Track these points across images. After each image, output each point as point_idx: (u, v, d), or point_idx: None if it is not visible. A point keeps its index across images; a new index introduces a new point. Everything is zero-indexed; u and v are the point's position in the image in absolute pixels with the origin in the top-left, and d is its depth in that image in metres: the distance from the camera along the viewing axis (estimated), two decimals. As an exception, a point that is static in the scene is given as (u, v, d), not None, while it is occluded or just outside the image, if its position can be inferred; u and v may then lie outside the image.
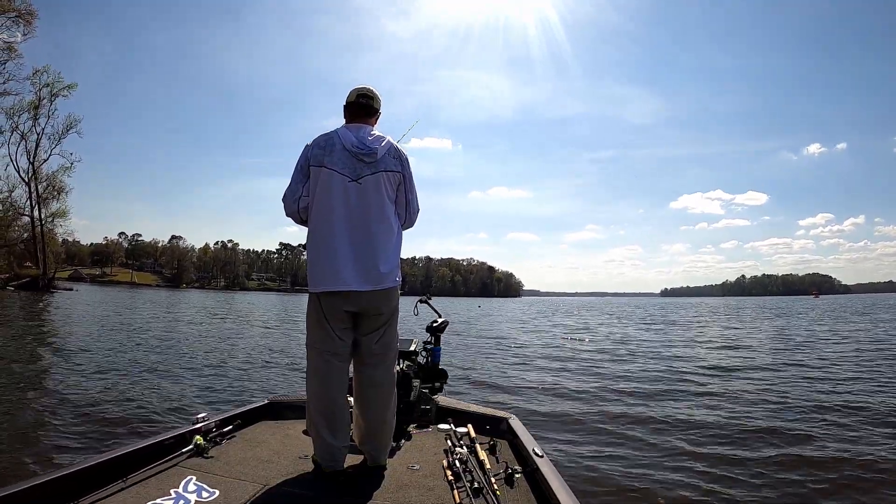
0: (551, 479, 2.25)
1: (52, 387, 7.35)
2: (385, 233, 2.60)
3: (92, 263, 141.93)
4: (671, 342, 16.23)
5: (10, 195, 47.44)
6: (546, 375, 9.69)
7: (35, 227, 47.91)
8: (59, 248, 59.54)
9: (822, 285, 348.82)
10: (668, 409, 6.73)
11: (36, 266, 47.63)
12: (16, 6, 39.16)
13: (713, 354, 12.98)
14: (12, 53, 40.84)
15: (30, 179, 47.15)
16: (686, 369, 10.30)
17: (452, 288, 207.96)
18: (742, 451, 5.02)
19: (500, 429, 3.20)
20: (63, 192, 49.05)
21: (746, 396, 7.49)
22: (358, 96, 2.73)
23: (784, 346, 14.72)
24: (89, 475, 2.21)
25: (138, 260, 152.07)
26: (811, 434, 5.55)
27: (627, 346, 14.95)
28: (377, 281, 2.54)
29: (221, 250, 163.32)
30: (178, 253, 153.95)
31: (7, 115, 44.73)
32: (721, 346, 15.22)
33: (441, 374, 3.80)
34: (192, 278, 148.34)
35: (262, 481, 2.39)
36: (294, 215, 2.70)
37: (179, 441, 2.71)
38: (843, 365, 10.74)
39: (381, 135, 2.66)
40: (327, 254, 2.53)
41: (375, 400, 2.64)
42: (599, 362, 11.54)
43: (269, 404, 3.61)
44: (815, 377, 9.14)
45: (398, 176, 2.66)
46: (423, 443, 3.04)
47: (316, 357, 2.59)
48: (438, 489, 2.37)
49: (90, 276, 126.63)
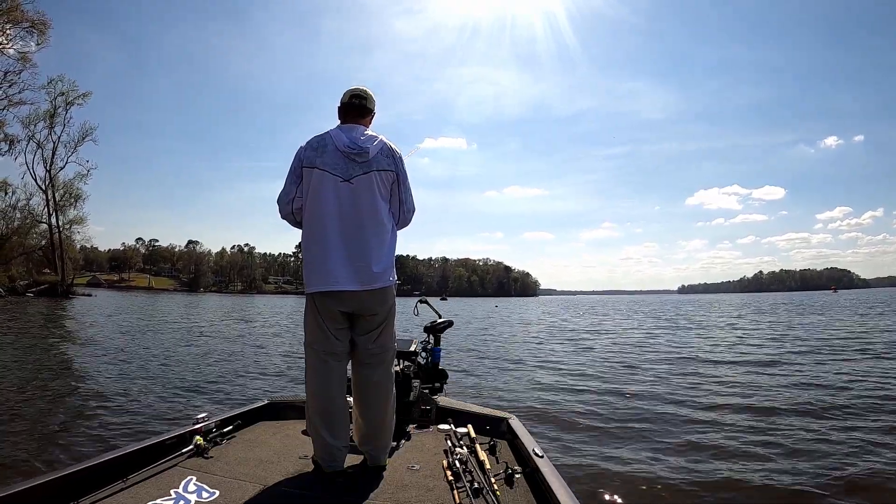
0: (551, 479, 2.23)
1: (53, 387, 7.48)
2: (378, 232, 2.60)
3: (110, 269, 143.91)
4: (684, 343, 15.95)
5: (28, 203, 48.56)
6: (546, 375, 9.63)
7: (53, 234, 48.74)
8: (77, 254, 60.33)
9: (840, 280, 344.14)
10: (669, 410, 6.66)
11: (54, 272, 48.44)
12: (29, 16, 39.70)
13: (721, 354, 12.76)
14: (27, 63, 41.37)
15: (47, 187, 47.96)
16: (691, 370, 10.14)
17: (469, 288, 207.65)
18: (743, 453, 4.94)
19: (500, 429, 3.18)
20: (80, 199, 49.91)
21: (754, 395, 7.35)
22: (351, 97, 2.74)
23: (802, 347, 14.44)
24: (89, 475, 2.23)
25: (156, 265, 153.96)
26: (825, 437, 5.38)
27: (640, 348, 14.78)
28: (370, 281, 2.54)
29: (238, 254, 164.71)
30: (195, 257, 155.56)
31: (23, 124, 45.46)
32: (733, 344, 14.96)
33: (441, 375, 3.80)
34: (210, 282, 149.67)
35: (262, 482, 2.40)
36: (288, 217, 2.71)
37: (179, 441, 2.73)
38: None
39: (373, 134, 2.66)
40: (320, 254, 2.54)
41: (374, 400, 2.65)
42: (602, 363, 11.45)
43: (269, 404, 3.62)
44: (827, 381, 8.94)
45: (391, 175, 2.66)
46: (422, 443, 3.03)
47: (314, 357, 2.60)
48: (438, 489, 2.36)
49: (108, 281, 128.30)
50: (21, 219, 48.17)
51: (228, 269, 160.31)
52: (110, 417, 5.89)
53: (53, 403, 6.49)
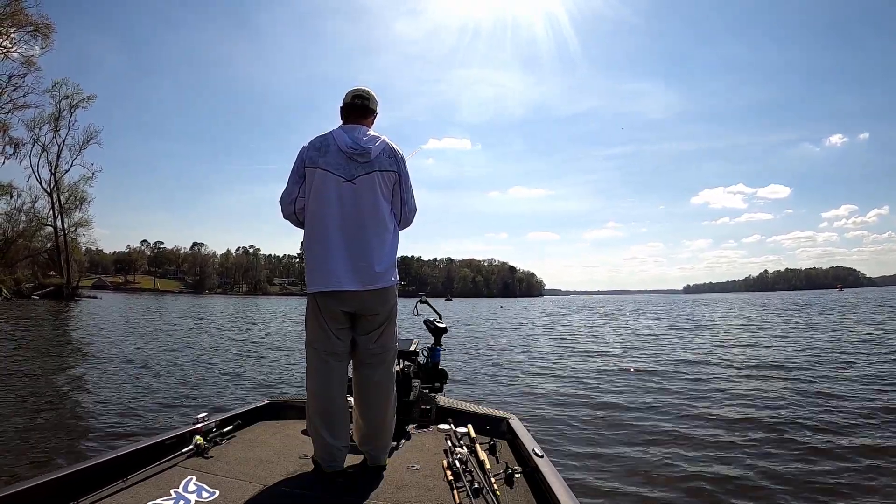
0: (551, 479, 2.22)
1: (54, 387, 7.53)
2: (380, 233, 2.60)
3: (115, 271, 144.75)
4: (690, 344, 15.85)
5: (33, 206, 48.60)
6: (546, 375, 9.62)
7: (58, 236, 48.85)
8: (83, 256, 60.50)
9: (846, 279, 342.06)
10: (669, 410, 6.64)
11: (60, 275, 48.57)
12: (33, 20, 39.81)
13: (725, 355, 12.71)
14: (31, 67, 41.47)
15: (52, 190, 48.01)
16: (694, 370, 10.12)
17: (474, 289, 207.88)
18: (744, 453, 4.92)
19: (500, 429, 3.18)
20: (85, 201, 49.97)
21: (756, 399, 7.29)
22: (353, 97, 2.74)
23: (808, 347, 14.34)
24: (89, 475, 2.23)
25: (161, 267, 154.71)
26: (825, 444, 5.28)
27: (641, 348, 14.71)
28: (372, 281, 2.54)
29: (243, 256, 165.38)
30: (200, 259, 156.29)
31: (28, 127, 45.42)
32: (740, 345, 14.88)
33: (441, 374, 3.79)
34: (215, 284, 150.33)
35: (261, 481, 2.39)
36: (291, 217, 2.71)
37: (179, 441, 2.73)
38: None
39: (376, 135, 2.66)
40: (322, 254, 2.54)
41: (375, 400, 2.64)
42: (603, 362, 11.43)
43: (269, 404, 3.62)
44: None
45: (393, 175, 2.65)
46: (423, 443, 3.03)
47: (315, 357, 2.60)
48: (438, 489, 2.35)
49: (113, 283, 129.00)
50: (26, 221, 48.29)
51: (233, 271, 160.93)
52: (110, 417, 5.92)
53: (54, 403, 6.53)
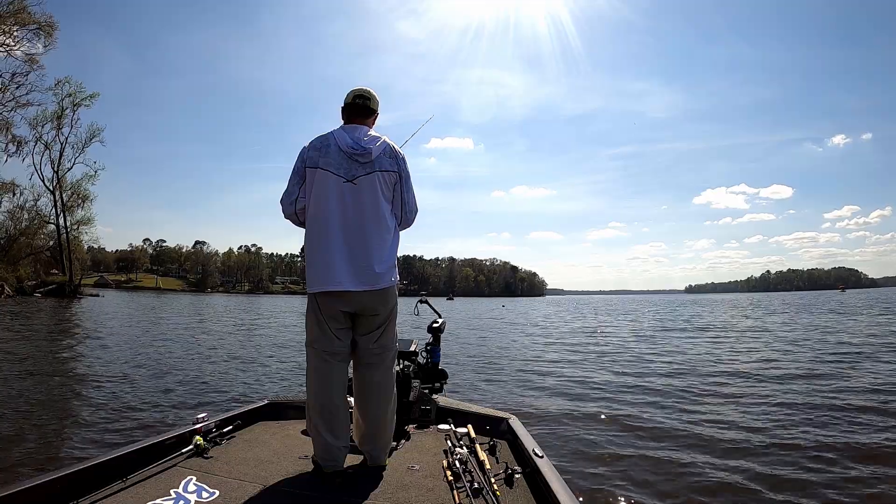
0: (551, 479, 2.22)
1: (54, 387, 7.51)
2: (380, 233, 2.60)
3: (117, 269, 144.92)
4: (687, 347, 15.76)
5: (36, 204, 48.86)
6: (547, 375, 9.60)
7: (60, 234, 49.06)
8: (85, 255, 60.66)
9: (848, 279, 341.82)
10: (670, 410, 6.63)
11: (62, 273, 48.74)
12: (36, 18, 39.90)
13: (728, 355, 12.66)
14: (34, 65, 41.61)
15: (54, 188, 48.27)
16: (695, 370, 10.07)
17: (476, 288, 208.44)
18: (745, 453, 4.90)
19: (500, 429, 3.18)
20: (87, 199, 50.19)
21: (757, 402, 7.23)
22: (354, 97, 2.74)
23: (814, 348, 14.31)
24: (89, 475, 2.23)
25: (163, 265, 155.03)
26: (827, 444, 5.24)
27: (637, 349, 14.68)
28: (372, 281, 2.54)
29: (245, 255, 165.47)
30: (202, 258, 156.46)
31: (31, 125, 45.72)
32: (743, 347, 14.81)
33: (441, 375, 3.79)
34: (217, 283, 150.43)
35: (261, 481, 2.39)
36: (291, 217, 2.71)
37: (179, 441, 2.73)
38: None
39: (376, 135, 2.66)
40: (322, 254, 2.54)
41: (375, 400, 2.65)
42: (603, 362, 11.41)
43: (269, 404, 3.62)
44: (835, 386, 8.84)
45: (394, 175, 2.65)
46: (422, 443, 3.03)
47: (315, 357, 2.60)
48: (438, 489, 2.35)
49: (116, 282, 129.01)
50: (29, 219, 48.48)
51: (235, 270, 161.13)
52: (110, 417, 5.91)
53: (54, 403, 6.51)
